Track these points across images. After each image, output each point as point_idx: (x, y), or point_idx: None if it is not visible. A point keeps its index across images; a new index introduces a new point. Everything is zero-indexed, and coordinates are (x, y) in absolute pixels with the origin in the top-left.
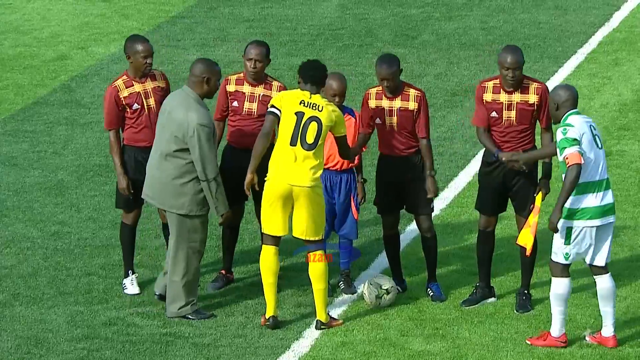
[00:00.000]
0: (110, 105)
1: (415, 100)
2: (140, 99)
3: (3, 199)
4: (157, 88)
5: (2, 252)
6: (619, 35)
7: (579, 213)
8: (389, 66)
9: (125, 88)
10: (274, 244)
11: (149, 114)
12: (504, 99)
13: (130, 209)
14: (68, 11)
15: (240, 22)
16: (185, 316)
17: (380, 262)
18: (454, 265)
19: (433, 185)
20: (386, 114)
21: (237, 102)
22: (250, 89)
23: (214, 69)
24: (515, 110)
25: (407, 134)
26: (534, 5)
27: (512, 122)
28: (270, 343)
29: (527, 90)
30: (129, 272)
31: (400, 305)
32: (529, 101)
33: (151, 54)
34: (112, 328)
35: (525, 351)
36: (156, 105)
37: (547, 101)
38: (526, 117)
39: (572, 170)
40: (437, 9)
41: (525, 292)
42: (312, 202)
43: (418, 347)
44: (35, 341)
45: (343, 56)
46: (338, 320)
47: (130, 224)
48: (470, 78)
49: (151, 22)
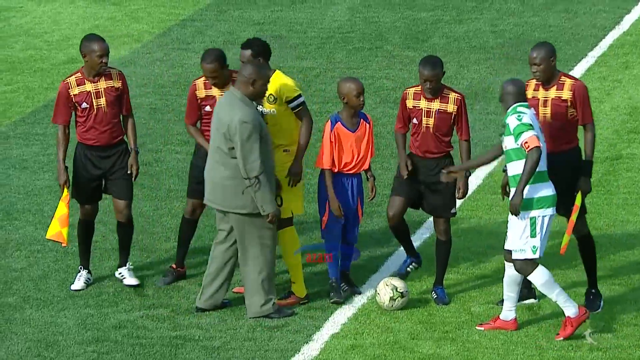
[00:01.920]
0: (59, 101)
1: (455, 103)
2: (90, 98)
3: (14, 202)
4: (110, 88)
5: (12, 254)
6: (630, 39)
7: (537, 202)
8: (433, 67)
9: (76, 86)
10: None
11: (97, 113)
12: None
13: (84, 203)
14: (78, 14)
15: (250, 25)
16: (268, 315)
17: (389, 266)
18: (463, 269)
19: (464, 186)
20: (423, 115)
21: (210, 107)
22: (219, 92)
23: (261, 72)
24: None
25: (441, 136)
26: (544, 8)
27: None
28: (280, 346)
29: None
30: (80, 267)
31: (410, 309)
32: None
33: (106, 53)
34: (122, 331)
35: (535, 355)
36: (107, 106)
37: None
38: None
39: (533, 153)
40: (447, 12)
41: (592, 291)
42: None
43: (428, 351)
44: (46, 344)
45: (353, 59)
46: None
47: (84, 219)
48: (480, 81)
49: (161, 25)
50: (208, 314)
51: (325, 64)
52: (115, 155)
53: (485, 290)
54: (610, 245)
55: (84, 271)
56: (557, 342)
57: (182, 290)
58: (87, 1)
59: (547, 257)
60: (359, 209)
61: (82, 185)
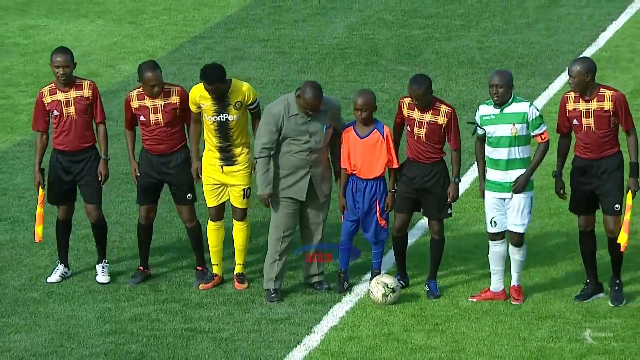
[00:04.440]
0: (35, 109)
1: (446, 115)
2: (60, 106)
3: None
4: (79, 97)
5: (37, 253)
6: (605, 54)
7: (531, 184)
8: (418, 86)
9: (49, 95)
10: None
11: (67, 120)
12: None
13: (59, 204)
14: (98, 32)
15: (256, 42)
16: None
17: (384, 263)
18: (453, 266)
19: (454, 191)
20: (416, 125)
21: (144, 116)
22: (151, 101)
23: (304, 90)
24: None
25: (433, 144)
26: (526, 27)
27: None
28: (283, 337)
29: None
30: (57, 262)
31: (403, 303)
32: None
33: (65, 65)
34: (138, 323)
35: (518, 345)
36: (77, 114)
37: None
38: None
39: (547, 144)
40: (437, 30)
41: (617, 281)
42: None
43: (419, 342)
44: (67, 335)
45: (350, 73)
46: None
47: (60, 219)
48: (467, 93)
49: (174, 42)
50: (216, 308)
51: (324, 77)
52: (84, 160)
53: (473, 286)
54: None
55: (60, 265)
56: (538, 334)
57: (193, 286)
58: (105, 20)
59: (547, 253)
60: (378, 213)
61: (55, 187)
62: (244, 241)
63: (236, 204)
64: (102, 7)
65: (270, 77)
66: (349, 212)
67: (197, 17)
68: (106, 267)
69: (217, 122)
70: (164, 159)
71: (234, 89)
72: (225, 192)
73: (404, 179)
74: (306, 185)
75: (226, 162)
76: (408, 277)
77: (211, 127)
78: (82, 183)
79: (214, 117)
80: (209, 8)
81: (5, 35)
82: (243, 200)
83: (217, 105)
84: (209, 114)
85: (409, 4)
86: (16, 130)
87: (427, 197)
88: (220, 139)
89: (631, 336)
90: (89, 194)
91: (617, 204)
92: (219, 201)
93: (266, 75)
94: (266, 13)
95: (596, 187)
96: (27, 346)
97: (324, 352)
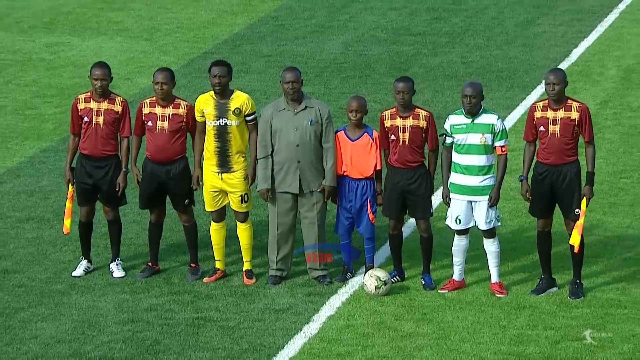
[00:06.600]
0: (71, 114)
1: (425, 119)
2: (91, 114)
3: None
4: (109, 110)
5: (62, 249)
6: (577, 69)
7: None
8: (406, 83)
9: (83, 102)
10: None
11: (95, 128)
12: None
13: (79, 204)
14: (117, 48)
15: (260, 57)
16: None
17: (378, 257)
18: (437, 261)
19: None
20: (400, 131)
21: (152, 122)
22: (161, 110)
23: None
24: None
25: (416, 147)
26: (506, 43)
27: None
28: (285, 326)
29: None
30: (81, 257)
31: (394, 294)
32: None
33: (102, 78)
34: (153, 313)
35: (499, 332)
36: (104, 125)
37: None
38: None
39: (505, 157)
40: (425, 46)
41: (577, 281)
42: None
43: (409, 329)
44: (89, 324)
45: (346, 85)
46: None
47: (83, 221)
48: (452, 104)
49: (185, 57)
50: (224, 299)
51: (322, 89)
52: (105, 167)
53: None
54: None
55: (84, 261)
56: (516, 322)
57: (188, 280)
58: (124, 37)
59: (515, 251)
60: (369, 210)
61: (79, 188)
62: (249, 239)
63: (236, 208)
64: (121, 25)
65: (273, 90)
66: (343, 210)
67: (206, 34)
68: (120, 264)
69: (217, 126)
70: (164, 168)
71: (235, 96)
72: (224, 197)
73: (390, 185)
74: (297, 178)
75: (223, 169)
76: (404, 273)
77: (211, 131)
78: (103, 188)
79: (214, 121)
80: (217, 26)
81: (33, 51)
82: (242, 205)
83: (217, 110)
84: (210, 118)
85: (399, 23)
86: (42, 137)
87: (412, 198)
88: (219, 142)
89: (601, 324)
90: (106, 198)
91: (577, 208)
92: (218, 206)
93: (269, 87)
94: (269, 31)
95: (556, 192)
96: (52, 333)
97: (322, 339)
